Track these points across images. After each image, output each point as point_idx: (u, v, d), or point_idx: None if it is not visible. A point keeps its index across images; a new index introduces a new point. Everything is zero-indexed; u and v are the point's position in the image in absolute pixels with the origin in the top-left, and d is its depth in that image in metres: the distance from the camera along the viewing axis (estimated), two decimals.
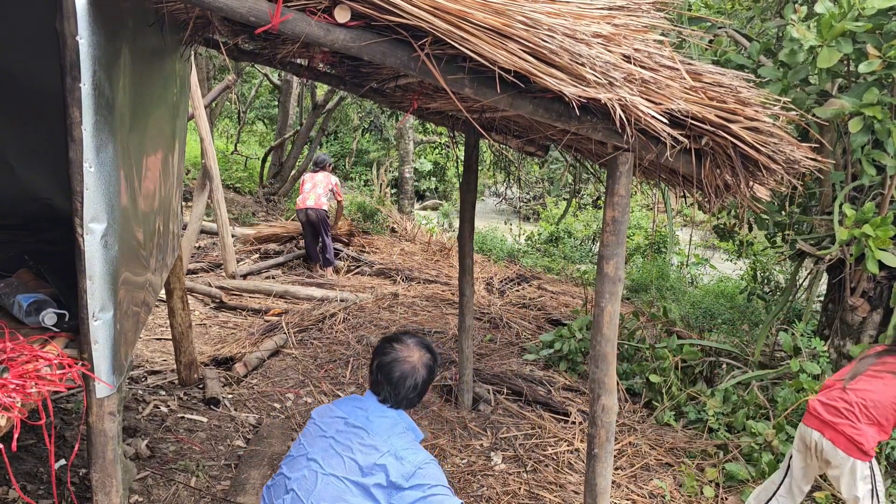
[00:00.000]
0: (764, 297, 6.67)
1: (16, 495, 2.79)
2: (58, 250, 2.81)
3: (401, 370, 2.05)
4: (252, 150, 16.03)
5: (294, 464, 2.02)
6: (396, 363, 2.06)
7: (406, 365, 2.06)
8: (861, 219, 3.70)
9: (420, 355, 2.10)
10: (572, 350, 5.09)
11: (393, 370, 2.04)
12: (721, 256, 10.53)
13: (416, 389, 2.07)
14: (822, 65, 3.40)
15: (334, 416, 2.06)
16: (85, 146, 1.77)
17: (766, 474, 3.66)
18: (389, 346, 2.11)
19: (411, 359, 2.08)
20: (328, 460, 1.96)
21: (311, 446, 2.02)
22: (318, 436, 2.03)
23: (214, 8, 1.70)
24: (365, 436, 1.99)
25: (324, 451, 1.99)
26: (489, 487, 3.48)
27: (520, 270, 8.68)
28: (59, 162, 2.17)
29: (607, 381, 2.38)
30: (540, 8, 1.85)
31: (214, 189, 6.88)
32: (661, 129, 1.95)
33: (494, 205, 16.88)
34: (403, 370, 2.05)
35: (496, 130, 3.42)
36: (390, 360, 2.06)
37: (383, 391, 2.05)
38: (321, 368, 4.84)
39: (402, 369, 2.05)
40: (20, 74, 3.28)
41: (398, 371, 2.05)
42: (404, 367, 2.05)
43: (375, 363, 2.09)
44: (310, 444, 2.03)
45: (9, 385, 1.72)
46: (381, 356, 2.09)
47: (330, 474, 1.93)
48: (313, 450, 2.00)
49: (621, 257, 2.29)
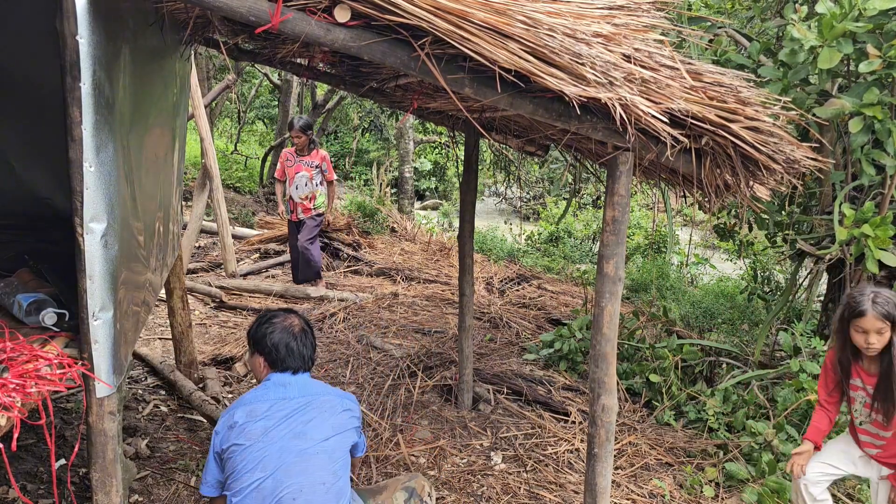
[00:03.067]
0: (764, 296, 6.67)
1: (15, 495, 2.79)
2: (58, 250, 2.81)
3: (297, 334, 2.26)
4: (252, 149, 16.03)
5: (264, 463, 2.07)
6: (289, 332, 2.25)
7: (296, 329, 2.27)
8: (861, 218, 3.70)
9: (296, 318, 2.32)
10: (572, 350, 5.09)
11: (290, 341, 2.24)
12: (721, 256, 10.53)
13: (314, 346, 2.30)
14: (823, 65, 3.40)
15: (265, 411, 2.14)
16: (85, 146, 1.77)
17: (765, 474, 3.66)
18: (269, 324, 2.28)
19: (295, 322, 2.29)
20: (305, 435, 2.11)
21: (268, 440, 2.09)
22: (267, 431, 2.10)
23: (214, 7, 1.70)
24: (315, 399, 2.19)
25: (291, 432, 2.11)
26: (489, 487, 3.48)
27: (520, 270, 8.68)
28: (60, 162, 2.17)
29: (607, 380, 2.38)
30: (540, 8, 1.85)
31: (214, 189, 6.88)
32: (662, 129, 1.95)
33: (494, 204, 16.87)
34: (298, 333, 2.26)
35: (496, 130, 3.42)
36: (281, 334, 2.24)
37: (294, 363, 2.24)
38: (321, 368, 4.84)
39: (296, 333, 2.26)
40: (20, 74, 3.28)
41: (297, 334, 2.26)
42: (296, 332, 2.26)
43: (270, 343, 2.23)
44: (264, 440, 2.09)
45: (9, 385, 1.72)
46: (270, 335, 2.25)
47: (318, 442, 2.11)
48: (275, 440, 2.09)
49: (621, 257, 2.29)
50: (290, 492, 2.03)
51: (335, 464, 2.14)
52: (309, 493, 2.05)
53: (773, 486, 3.51)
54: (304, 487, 2.05)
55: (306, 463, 2.07)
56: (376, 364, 4.93)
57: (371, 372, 4.80)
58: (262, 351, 2.25)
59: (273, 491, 2.03)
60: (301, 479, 2.06)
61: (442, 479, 3.52)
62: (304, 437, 2.09)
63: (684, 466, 3.82)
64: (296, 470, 2.06)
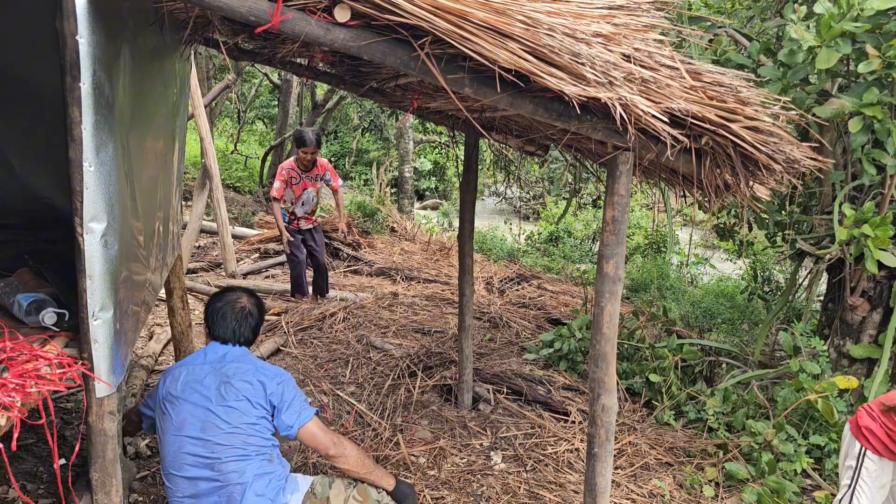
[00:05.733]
0: (764, 296, 6.67)
1: (15, 495, 2.79)
2: (58, 250, 2.81)
3: (236, 309, 2.49)
4: (252, 149, 16.03)
5: (185, 421, 2.30)
6: (230, 305, 2.49)
7: (238, 305, 2.50)
8: (861, 218, 3.70)
9: (248, 299, 2.54)
10: (572, 349, 5.09)
11: (228, 312, 2.47)
12: (721, 256, 10.53)
13: (253, 328, 2.51)
14: (821, 65, 3.40)
15: (186, 372, 2.37)
16: (85, 145, 1.77)
17: (765, 474, 3.66)
18: (220, 296, 2.54)
19: (241, 301, 2.52)
20: (214, 400, 2.30)
21: (184, 397, 2.32)
22: (183, 390, 2.33)
23: (214, 7, 1.70)
24: (232, 366, 2.37)
25: (200, 394, 2.31)
26: (489, 487, 3.48)
27: (519, 270, 8.68)
28: (60, 161, 2.16)
29: (607, 380, 2.38)
30: (540, 7, 1.85)
31: (214, 188, 6.88)
32: (662, 129, 1.95)
33: (494, 204, 16.88)
34: (237, 309, 2.49)
35: (496, 130, 3.42)
36: (223, 304, 2.49)
37: (224, 333, 2.46)
38: (321, 368, 4.84)
39: (236, 308, 2.49)
40: (20, 74, 3.28)
41: (237, 310, 2.48)
42: (236, 307, 2.49)
43: (210, 310, 2.50)
44: (181, 397, 2.33)
45: (9, 384, 1.72)
46: (215, 304, 2.51)
47: (224, 406, 2.29)
48: (189, 398, 2.31)
49: (621, 257, 2.29)
50: (208, 450, 2.26)
51: (247, 421, 2.31)
52: (228, 445, 2.27)
53: (773, 485, 3.51)
54: (222, 442, 2.27)
55: (221, 420, 2.28)
56: (376, 364, 4.94)
57: (371, 372, 4.80)
58: (205, 318, 2.54)
59: (181, 446, 2.28)
60: (218, 435, 2.27)
61: (442, 478, 3.52)
62: (218, 399, 2.30)
63: (684, 466, 3.82)
64: (212, 427, 2.28)
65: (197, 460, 2.26)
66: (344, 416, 4.14)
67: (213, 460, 2.25)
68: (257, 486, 2.25)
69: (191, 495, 2.28)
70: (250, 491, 2.24)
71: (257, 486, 2.25)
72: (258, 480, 2.27)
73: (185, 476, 2.27)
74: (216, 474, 2.25)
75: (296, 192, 5.94)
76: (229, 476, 2.24)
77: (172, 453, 2.29)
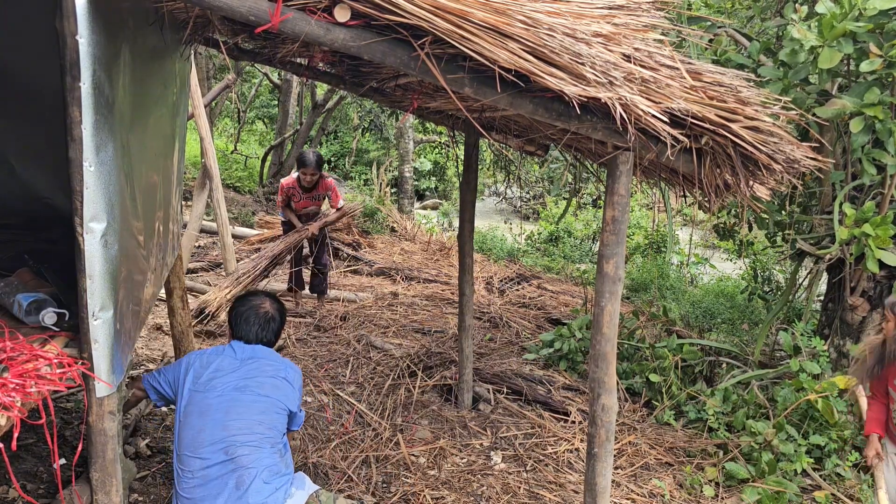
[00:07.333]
0: (764, 296, 6.67)
1: (16, 494, 2.79)
2: (58, 249, 2.81)
3: (260, 314, 2.61)
4: (252, 149, 16.02)
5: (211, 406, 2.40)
6: (253, 309, 2.61)
7: (262, 310, 2.62)
8: (861, 218, 3.70)
9: (270, 303, 2.66)
10: (572, 349, 5.09)
11: (251, 316, 2.59)
12: (721, 256, 10.52)
13: (275, 332, 2.64)
14: (823, 65, 3.40)
15: (220, 368, 2.48)
16: (85, 145, 1.77)
17: (765, 474, 3.66)
18: (244, 300, 2.66)
19: (265, 305, 2.64)
20: (246, 388, 2.43)
21: (211, 387, 2.43)
22: (218, 383, 2.43)
23: (214, 7, 1.70)
24: (261, 362, 2.52)
25: (233, 385, 2.43)
26: (489, 487, 3.48)
27: (520, 270, 8.68)
28: (60, 161, 2.16)
29: (607, 380, 2.38)
30: (540, 7, 1.85)
31: (214, 188, 6.86)
32: (662, 129, 1.95)
33: (494, 204, 16.86)
34: (261, 313, 2.61)
35: (496, 130, 3.42)
36: (247, 309, 2.61)
37: (247, 334, 2.58)
38: (321, 368, 4.84)
39: (259, 313, 2.61)
40: (20, 74, 3.28)
41: (260, 314, 2.60)
42: (259, 311, 2.61)
43: (235, 313, 2.63)
44: (209, 387, 2.43)
45: (9, 384, 1.72)
46: (238, 307, 2.63)
47: (251, 396, 2.43)
48: (216, 389, 2.42)
49: (621, 257, 2.29)
50: (228, 434, 2.35)
51: (268, 415, 2.44)
52: (247, 433, 2.37)
53: (773, 485, 3.51)
54: (241, 429, 2.37)
55: (244, 409, 2.40)
56: (376, 364, 4.93)
57: (371, 372, 4.80)
58: (228, 320, 2.66)
59: (202, 429, 2.36)
60: (238, 422, 2.37)
61: (442, 478, 3.52)
62: (244, 390, 2.43)
63: (684, 466, 3.82)
64: (234, 414, 2.38)
65: (215, 444, 2.34)
66: (344, 416, 4.14)
67: (229, 444, 2.34)
68: (265, 475, 2.33)
69: (201, 477, 2.33)
70: (259, 478, 2.31)
71: (265, 475, 2.33)
72: (267, 470, 2.35)
73: (200, 457, 2.34)
74: (229, 458, 2.33)
75: (297, 209, 6.03)
76: (241, 460, 2.32)
77: (191, 436, 2.36)
